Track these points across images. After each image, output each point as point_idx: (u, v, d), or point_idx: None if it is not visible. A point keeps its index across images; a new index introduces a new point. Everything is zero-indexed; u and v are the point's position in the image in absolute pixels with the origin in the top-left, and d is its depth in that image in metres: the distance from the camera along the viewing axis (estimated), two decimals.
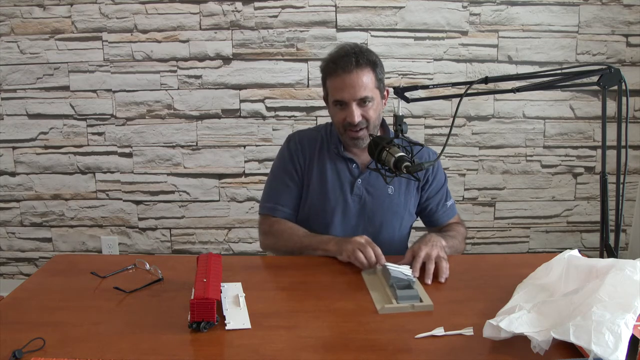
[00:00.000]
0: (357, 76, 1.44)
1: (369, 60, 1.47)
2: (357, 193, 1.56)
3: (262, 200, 1.66)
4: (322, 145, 1.60)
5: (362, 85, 1.45)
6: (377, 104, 1.49)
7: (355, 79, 1.44)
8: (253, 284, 1.29)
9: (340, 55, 1.48)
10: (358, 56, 1.46)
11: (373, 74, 1.47)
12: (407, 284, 1.21)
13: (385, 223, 1.58)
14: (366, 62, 1.46)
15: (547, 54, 2.60)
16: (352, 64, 1.44)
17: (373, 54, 1.51)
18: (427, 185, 1.64)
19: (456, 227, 1.65)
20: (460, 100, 1.19)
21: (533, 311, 0.99)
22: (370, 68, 1.47)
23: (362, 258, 1.33)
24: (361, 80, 1.45)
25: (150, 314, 1.15)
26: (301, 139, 1.63)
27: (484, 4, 2.55)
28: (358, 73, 1.44)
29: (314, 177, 1.58)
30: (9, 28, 2.57)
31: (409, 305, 1.16)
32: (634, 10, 2.57)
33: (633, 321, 0.89)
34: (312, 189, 1.59)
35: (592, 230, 2.81)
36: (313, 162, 1.59)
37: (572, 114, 2.68)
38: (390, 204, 1.58)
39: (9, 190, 2.74)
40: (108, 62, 2.60)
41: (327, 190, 1.57)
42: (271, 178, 1.66)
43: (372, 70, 1.47)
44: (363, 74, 1.45)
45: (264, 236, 1.62)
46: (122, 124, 2.66)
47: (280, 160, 1.64)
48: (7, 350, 0.98)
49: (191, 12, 2.55)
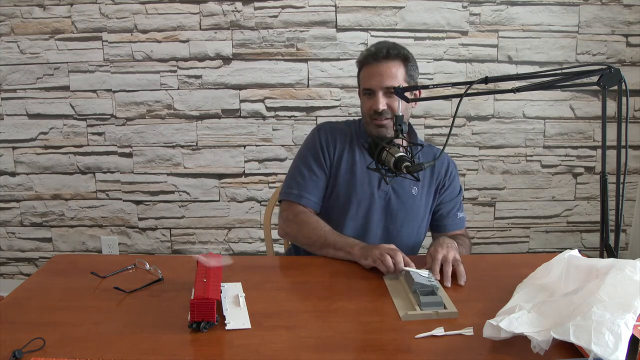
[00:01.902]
0: (386, 66, 1.49)
1: (401, 54, 1.52)
2: (383, 189, 1.58)
3: (287, 187, 1.61)
4: (352, 138, 1.62)
5: (390, 75, 1.49)
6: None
7: (384, 68, 1.49)
8: (253, 284, 1.29)
9: (375, 47, 1.54)
10: (390, 49, 1.51)
11: (404, 68, 1.51)
12: (431, 290, 1.19)
13: (406, 223, 1.59)
14: (397, 55, 1.51)
15: (547, 54, 2.60)
16: (383, 54, 1.50)
17: (408, 52, 1.55)
18: (444, 190, 1.65)
19: (463, 239, 1.65)
20: (460, 100, 1.19)
21: (533, 311, 0.99)
22: (401, 61, 1.51)
23: (390, 262, 1.31)
24: (390, 70, 1.49)
25: (150, 314, 1.15)
26: (332, 130, 1.63)
27: (484, 4, 2.55)
28: (388, 63, 1.49)
29: (343, 168, 1.59)
30: (9, 28, 2.57)
31: (433, 312, 1.13)
32: (634, 10, 2.57)
33: (633, 321, 0.89)
34: (341, 180, 1.58)
35: (592, 230, 2.81)
36: (343, 153, 1.60)
37: (572, 114, 2.68)
38: (413, 204, 1.59)
39: (9, 190, 2.74)
40: (108, 62, 2.60)
41: (355, 182, 1.58)
42: (298, 164, 1.62)
43: (403, 64, 1.52)
44: (392, 65, 1.50)
45: (287, 223, 1.57)
46: (122, 124, 2.66)
47: (310, 149, 1.61)
48: (7, 350, 0.98)
49: (191, 12, 2.55)
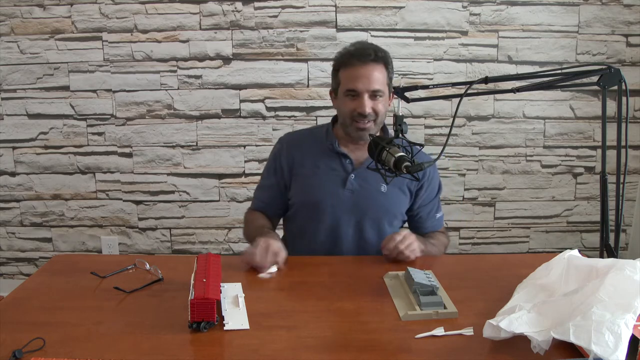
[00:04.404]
0: (372, 69, 1.50)
1: (384, 58, 1.54)
2: (349, 188, 1.58)
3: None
4: (316, 142, 1.64)
5: (376, 79, 1.50)
6: (385, 100, 1.55)
7: (371, 71, 1.50)
8: (253, 284, 1.29)
9: (358, 48, 1.55)
10: (376, 51, 1.53)
11: (386, 72, 1.53)
12: (431, 290, 1.18)
13: (377, 220, 1.60)
14: (382, 58, 1.53)
15: (547, 54, 2.60)
16: (370, 56, 1.51)
17: (388, 55, 1.57)
18: (422, 191, 1.67)
19: (439, 236, 1.68)
20: (460, 100, 1.19)
21: (533, 311, 0.99)
22: (384, 65, 1.53)
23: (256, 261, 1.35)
24: (376, 74, 1.50)
25: (150, 314, 1.15)
26: (291, 140, 1.69)
27: (484, 4, 2.55)
28: (374, 66, 1.51)
29: (305, 174, 1.62)
30: (9, 28, 2.57)
31: (433, 312, 1.13)
32: (634, 10, 2.57)
33: (633, 321, 0.89)
34: (304, 186, 1.62)
35: (592, 230, 2.81)
36: (303, 160, 1.62)
37: (572, 114, 2.68)
38: (384, 201, 1.59)
39: (9, 190, 2.74)
40: (108, 62, 2.60)
41: (318, 183, 1.60)
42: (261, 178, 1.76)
43: (385, 68, 1.53)
44: (377, 68, 1.51)
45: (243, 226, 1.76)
46: (122, 124, 2.66)
47: (269, 161, 1.72)
48: (7, 350, 0.98)
49: (191, 12, 2.55)
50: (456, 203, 2.75)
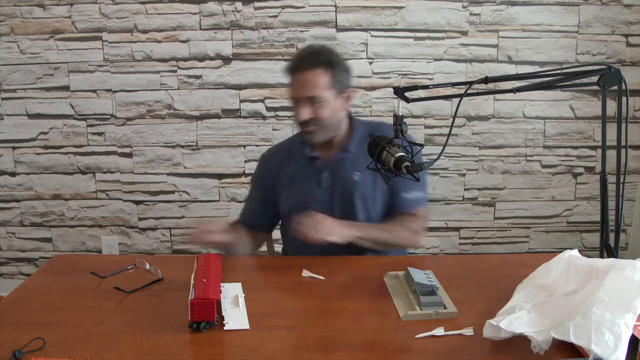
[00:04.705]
0: (307, 75, 1.48)
1: (324, 61, 1.49)
2: (324, 186, 1.60)
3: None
4: (292, 152, 1.67)
5: (312, 84, 1.48)
6: (331, 104, 1.51)
7: (305, 77, 1.48)
8: (253, 284, 1.29)
9: (297, 55, 1.55)
10: (312, 56, 1.50)
11: (327, 74, 1.49)
12: (431, 290, 1.19)
13: (358, 207, 1.59)
14: (319, 63, 1.48)
15: (547, 54, 2.60)
16: (304, 63, 1.49)
17: (333, 55, 1.53)
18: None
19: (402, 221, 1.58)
20: (460, 100, 1.19)
21: (533, 311, 0.99)
22: (324, 68, 1.48)
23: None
24: (311, 80, 1.48)
25: (150, 314, 1.15)
26: (269, 154, 1.74)
27: (484, 4, 2.55)
28: (311, 72, 1.48)
29: (283, 184, 1.66)
30: (9, 28, 2.57)
31: (433, 312, 1.13)
32: (634, 10, 2.57)
33: (633, 321, 0.89)
34: (285, 195, 1.66)
35: (592, 230, 2.81)
36: (280, 170, 1.66)
37: (572, 114, 2.68)
38: (359, 188, 1.59)
39: (9, 190, 2.74)
40: (108, 62, 2.60)
41: (298, 190, 1.63)
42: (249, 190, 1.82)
43: (326, 71, 1.49)
44: (314, 73, 1.48)
45: None
46: (122, 124, 2.66)
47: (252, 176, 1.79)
48: (7, 350, 0.98)
49: (191, 12, 2.55)
50: (456, 203, 2.75)
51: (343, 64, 1.54)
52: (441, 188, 2.71)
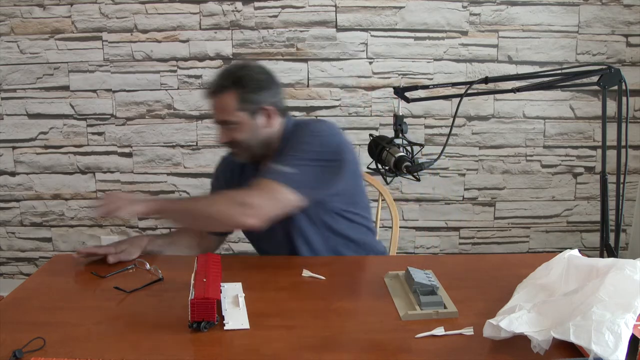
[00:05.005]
0: (218, 100, 1.44)
1: (232, 82, 1.43)
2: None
3: None
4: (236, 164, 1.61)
5: (221, 109, 1.44)
6: (245, 126, 1.45)
7: (217, 102, 1.45)
8: (253, 284, 1.29)
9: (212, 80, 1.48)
10: (221, 79, 1.45)
11: (236, 97, 1.42)
12: (431, 289, 1.18)
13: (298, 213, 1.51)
14: (228, 85, 1.43)
15: (547, 54, 2.60)
16: (213, 86, 1.45)
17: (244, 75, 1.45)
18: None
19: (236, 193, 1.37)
20: (460, 100, 1.19)
21: (533, 311, 0.99)
22: (233, 90, 1.43)
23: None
24: (220, 104, 1.44)
25: (150, 314, 1.15)
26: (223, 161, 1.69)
27: (484, 4, 2.55)
28: (217, 97, 1.44)
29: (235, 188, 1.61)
30: (9, 28, 2.57)
31: (433, 312, 1.13)
32: (634, 10, 2.57)
33: (633, 321, 0.89)
34: None
35: (592, 230, 2.81)
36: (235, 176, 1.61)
37: (572, 114, 2.68)
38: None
39: (9, 190, 2.74)
40: (108, 62, 2.60)
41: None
42: None
43: (236, 93, 1.43)
44: (222, 97, 1.43)
45: None
46: (122, 123, 2.66)
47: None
48: (7, 350, 0.98)
49: (191, 12, 2.55)
50: (456, 203, 2.75)
51: (255, 82, 1.45)
52: (441, 188, 2.72)
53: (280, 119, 1.51)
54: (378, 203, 1.92)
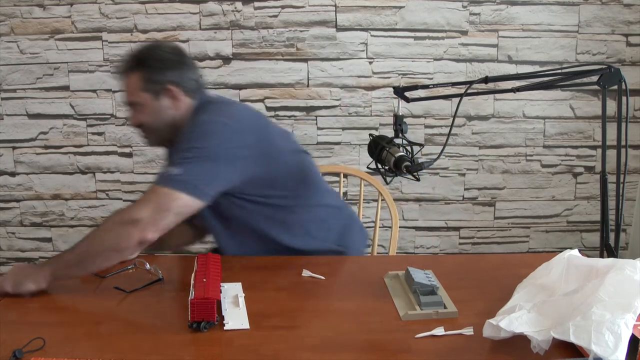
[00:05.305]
0: (126, 80, 1.41)
1: (137, 62, 1.39)
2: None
3: None
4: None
5: (128, 90, 1.41)
6: (150, 108, 1.40)
7: (125, 83, 1.42)
8: (253, 284, 1.29)
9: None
10: (128, 60, 1.41)
11: (140, 77, 1.38)
12: (431, 289, 1.19)
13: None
14: (133, 65, 1.39)
15: (547, 53, 2.60)
16: (121, 68, 1.42)
17: (147, 55, 1.40)
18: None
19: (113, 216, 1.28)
20: (460, 100, 1.19)
21: (533, 311, 0.99)
22: (138, 70, 1.38)
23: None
24: (127, 85, 1.41)
25: (150, 314, 1.15)
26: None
27: (484, 4, 2.55)
28: (127, 77, 1.41)
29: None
30: (9, 28, 2.57)
31: (433, 312, 1.13)
32: (634, 10, 2.57)
33: (633, 321, 0.90)
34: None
35: (592, 230, 2.81)
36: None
37: (572, 114, 2.68)
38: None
39: (9, 190, 2.74)
40: (108, 62, 2.60)
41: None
42: None
43: (139, 73, 1.38)
44: (129, 78, 1.40)
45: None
46: (122, 123, 2.66)
47: None
48: (7, 350, 0.98)
49: (191, 12, 2.55)
50: (456, 203, 2.75)
51: (160, 62, 1.39)
52: (441, 188, 2.71)
53: (188, 99, 1.42)
54: (378, 203, 1.92)
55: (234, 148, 1.33)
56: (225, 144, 1.32)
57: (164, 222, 1.24)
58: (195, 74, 1.46)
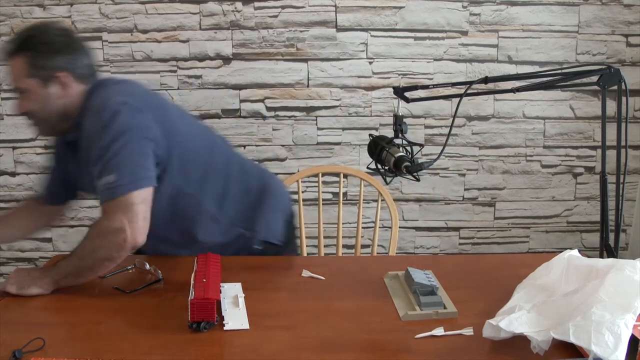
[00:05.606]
0: (12, 65, 1.30)
1: (23, 45, 1.27)
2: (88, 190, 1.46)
3: None
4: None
5: (13, 75, 1.31)
6: (36, 95, 1.31)
7: (11, 67, 1.30)
8: (253, 284, 1.29)
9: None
10: (13, 42, 1.28)
11: (26, 61, 1.27)
12: (431, 290, 1.19)
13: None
14: (18, 48, 1.27)
15: (547, 54, 2.60)
16: (6, 49, 1.29)
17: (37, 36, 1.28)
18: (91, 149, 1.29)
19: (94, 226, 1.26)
20: (460, 100, 1.19)
21: (533, 311, 1.00)
22: (24, 54, 1.27)
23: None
24: (11, 69, 1.30)
25: (150, 314, 1.15)
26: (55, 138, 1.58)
27: (484, 4, 2.55)
28: (13, 60, 1.29)
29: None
30: (9, 28, 2.57)
31: (433, 312, 1.14)
32: (634, 10, 2.57)
33: (633, 321, 0.90)
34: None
35: (592, 230, 2.81)
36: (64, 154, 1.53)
37: (572, 114, 2.68)
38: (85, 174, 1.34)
39: (9, 190, 2.74)
40: (108, 62, 2.60)
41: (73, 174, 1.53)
42: None
43: (25, 57, 1.27)
44: (14, 62, 1.29)
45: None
46: None
47: None
48: (7, 350, 0.98)
49: (191, 12, 2.55)
50: (456, 203, 2.75)
51: (48, 45, 1.28)
52: (441, 188, 2.71)
53: (80, 86, 1.32)
54: (378, 203, 1.92)
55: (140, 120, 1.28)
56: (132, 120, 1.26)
57: (140, 223, 1.22)
58: (89, 58, 1.35)
